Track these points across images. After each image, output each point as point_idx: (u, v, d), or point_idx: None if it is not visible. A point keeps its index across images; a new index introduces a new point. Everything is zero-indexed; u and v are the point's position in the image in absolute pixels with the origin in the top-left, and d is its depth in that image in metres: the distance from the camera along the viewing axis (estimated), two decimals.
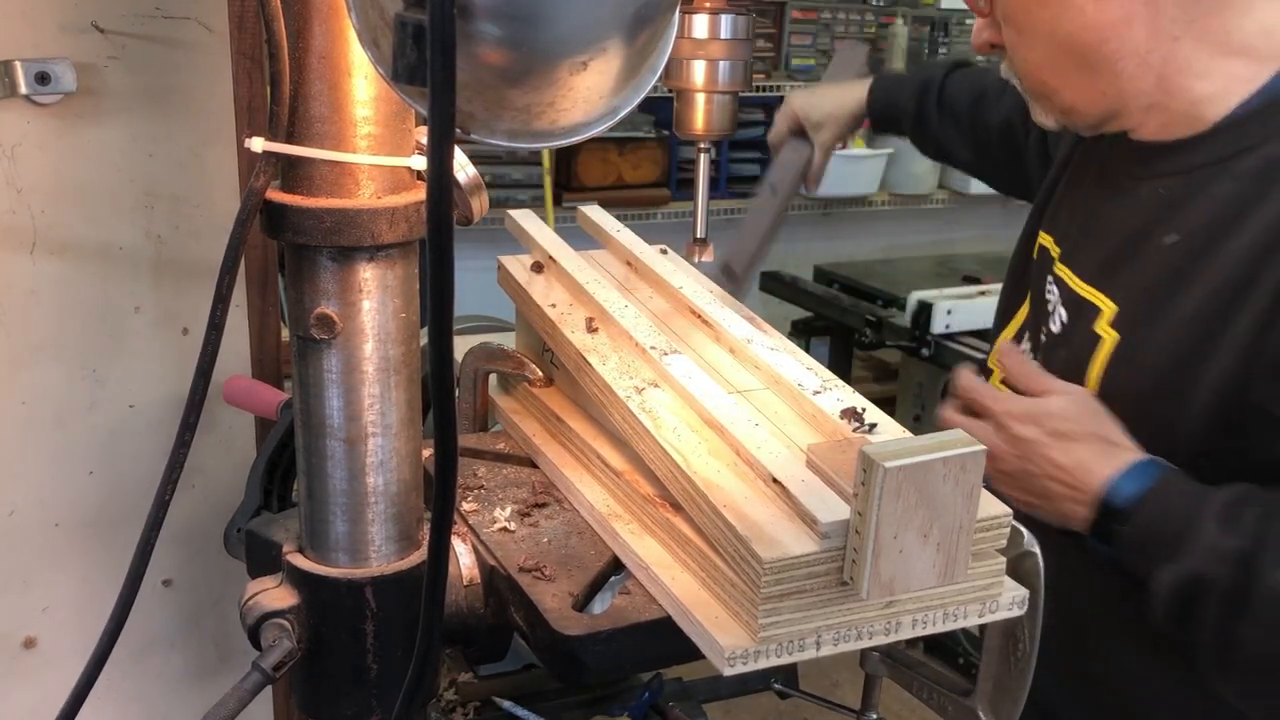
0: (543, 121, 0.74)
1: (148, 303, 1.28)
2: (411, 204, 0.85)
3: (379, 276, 0.86)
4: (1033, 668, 0.90)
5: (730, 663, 0.78)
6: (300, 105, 0.82)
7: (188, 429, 0.90)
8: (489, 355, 1.17)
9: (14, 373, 1.24)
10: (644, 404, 0.95)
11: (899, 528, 0.76)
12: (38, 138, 1.19)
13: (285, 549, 0.94)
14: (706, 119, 1.12)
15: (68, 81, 1.17)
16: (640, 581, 0.90)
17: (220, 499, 1.35)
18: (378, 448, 0.89)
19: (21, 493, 1.27)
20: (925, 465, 0.75)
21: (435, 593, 0.75)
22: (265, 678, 0.87)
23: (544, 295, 1.13)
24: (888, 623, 0.82)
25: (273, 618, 0.90)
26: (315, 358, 0.87)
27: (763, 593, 0.77)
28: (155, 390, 1.31)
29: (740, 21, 1.10)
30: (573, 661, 0.86)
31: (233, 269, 0.86)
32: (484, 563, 0.96)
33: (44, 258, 1.22)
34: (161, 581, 1.37)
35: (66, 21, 1.17)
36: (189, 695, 1.42)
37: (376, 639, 0.91)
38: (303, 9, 0.80)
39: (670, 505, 0.91)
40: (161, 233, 1.27)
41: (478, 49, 0.67)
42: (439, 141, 0.62)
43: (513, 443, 1.15)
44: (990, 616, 0.85)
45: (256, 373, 1.35)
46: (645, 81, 0.79)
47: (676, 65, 1.10)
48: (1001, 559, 0.84)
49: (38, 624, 1.31)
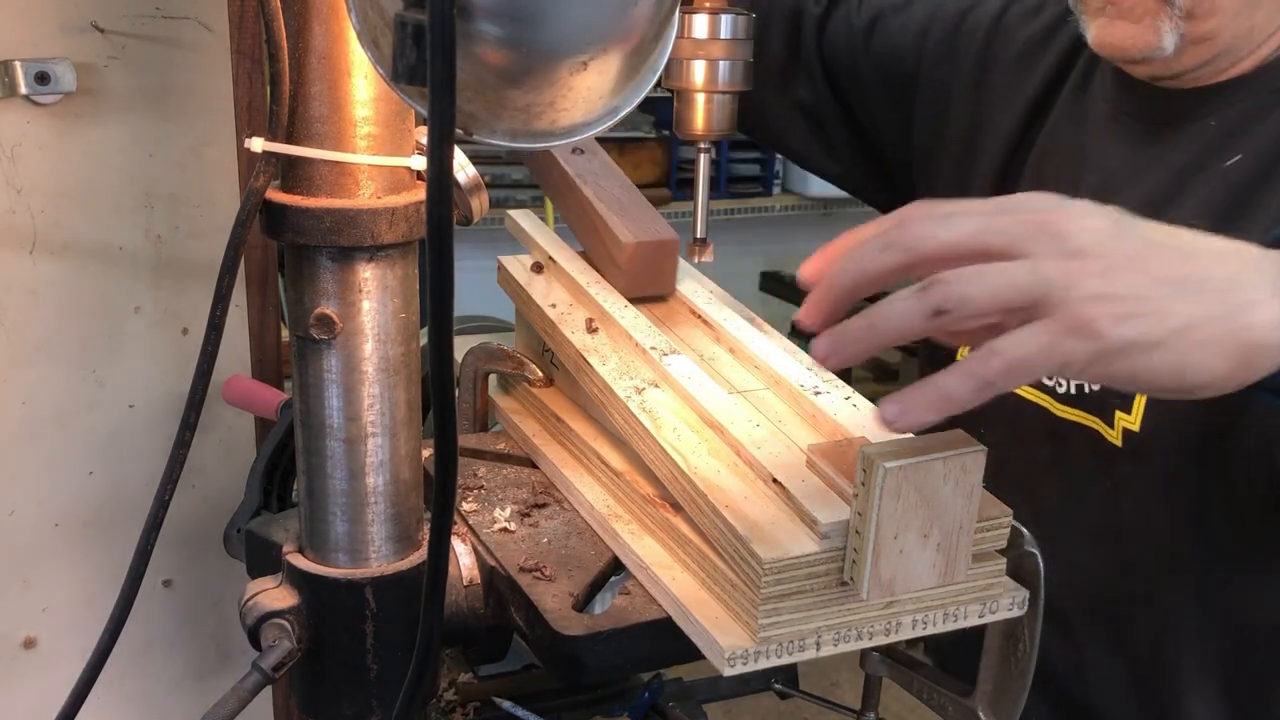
0: (543, 121, 0.75)
1: (148, 303, 1.28)
2: (411, 204, 0.85)
3: (379, 276, 0.86)
4: (1033, 668, 0.90)
5: (730, 663, 0.78)
6: (300, 105, 0.82)
7: (188, 429, 0.90)
8: (489, 355, 1.17)
9: (14, 373, 1.24)
10: (644, 404, 0.95)
11: (899, 528, 0.76)
12: (38, 138, 1.19)
13: (285, 549, 0.94)
14: (706, 119, 1.12)
15: (68, 81, 1.17)
16: (640, 582, 0.90)
17: (220, 499, 1.35)
18: (378, 448, 0.89)
19: (21, 493, 1.27)
20: (925, 465, 0.75)
21: (435, 593, 0.75)
22: (265, 678, 0.87)
23: (544, 295, 1.13)
24: (888, 623, 0.82)
25: (272, 618, 0.90)
26: (315, 358, 0.87)
27: (763, 593, 0.77)
28: (155, 390, 1.31)
29: (740, 21, 1.09)
30: (573, 662, 0.86)
31: (233, 269, 0.86)
32: (484, 563, 0.96)
33: (44, 258, 1.22)
34: (161, 582, 1.37)
35: (66, 21, 1.17)
36: (189, 695, 1.42)
37: (376, 639, 0.91)
38: (303, 9, 0.80)
39: (670, 505, 0.91)
40: (161, 233, 1.27)
41: (478, 49, 0.67)
42: (439, 141, 0.62)
43: (513, 443, 1.15)
44: (990, 617, 0.85)
45: (256, 373, 1.35)
46: (645, 81, 0.79)
47: (676, 65, 1.10)
48: (1001, 559, 0.84)
49: (38, 624, 1.31)
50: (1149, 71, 1.11)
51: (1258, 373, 0.70)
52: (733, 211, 3.98)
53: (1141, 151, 1.14)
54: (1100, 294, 0.66)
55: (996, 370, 0.66)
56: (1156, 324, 0.67)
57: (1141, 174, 1.13)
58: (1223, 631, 1.13)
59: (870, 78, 1.40)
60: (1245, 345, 0.68)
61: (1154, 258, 0.68)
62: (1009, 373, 0.66)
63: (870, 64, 1.40)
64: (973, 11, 1.36)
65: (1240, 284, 0.69)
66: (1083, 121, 1.21)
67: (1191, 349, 0.67)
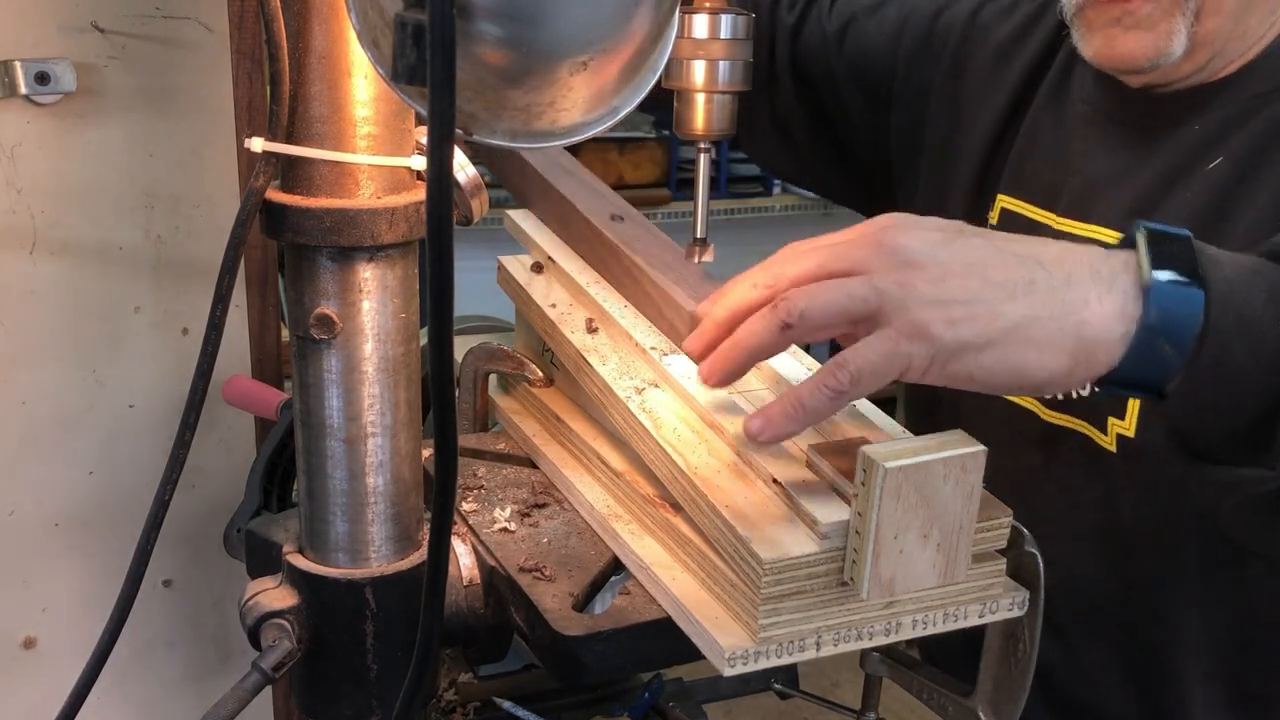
0: (543, 121, 0.74)
1: (148, 303, 1.28)
2: (411, 204, 0.85)
3: (379, 276, 0.86)
4: (1033, 668, 0.89)
5: (730, 663, 0.78)
6: (300, 105, 0.82)
7: (188, 429, 0.90)
8: (489, 355, 1.17)
9: (14, 373, 1.24)
10: (644, 404, 0.95)
11: (899, 528, 0.76)
12: (38, 138, 1.19)
13: (285, 549, 0.94)
14: (706, 119, 1.11)
15: (68, 81, 1.17)
16: (640, 582, 0.90)
17: (220, 499, 1.35)
18: (378, 448, 0.89)
19: (21, 493, 1.27)
20: (925, 466, 0.75)
21: (435, 593, 0.75)
22: (265, 678, 0.87)
23: (544, 295, 1.13)
24: (888, 623, 0.82)
25: (272, 618, 0.90)
26: (315, 358, 0.87)
27: (763, 593, 0.77)
28: (155, 390, 1.31)
29: (740, 21, 1.09)
30: (573, 662, 0.86)
31: (233, 269, 0.86)
32: (484, 563, 0.96)
33: (44, 258, 1.22)
34: (161, 581, 1.37)
35: (66, 21, 1.17)
36: (189, 695, 1.42)
37: (376, 639, 0.91)
38: (303, 9, 0.80)
39: (670, 505, 0.91)
40: (161, 233, 1.27)
41: (478, 49, 0.67)
42: (439, 141, 0.62)
43: (513, 443, 1.15)
44: (990, 617, 0.85)
45: (256, 373, 1.35)
46: (645, 81, 0.79)
47: (676, 65, 1.10)
48: (1001, 559, 0.84)
49: (38, 624, 1.31)
50: (1143, 81, 1.10)
51: (1100, 366, 0.74)
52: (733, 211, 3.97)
53: (1125, 156, 1.13)
54: (933, 300, 0.72)
55: (843, 379, 0.73)
56: (988, 325, 0.71)
57: (1125, 179, 1.12)
58: (1228, 639, 1.12)
59: (845, 80, 1.40)
60: (1081, 341, 0.73)
61: (988, 264, 0.73)
62: (855, 380, 0.73)
63: (844, 66, 1.40)
64: (946, 11, 1.36)
65: (1075, 283, 0.73)
66: (1061, 122, 1.20)
67: (1024, 347, 0.72)
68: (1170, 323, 0.73)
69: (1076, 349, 0.73)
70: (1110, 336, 0.73)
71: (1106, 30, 1.07)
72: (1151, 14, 1.04)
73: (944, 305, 0.72)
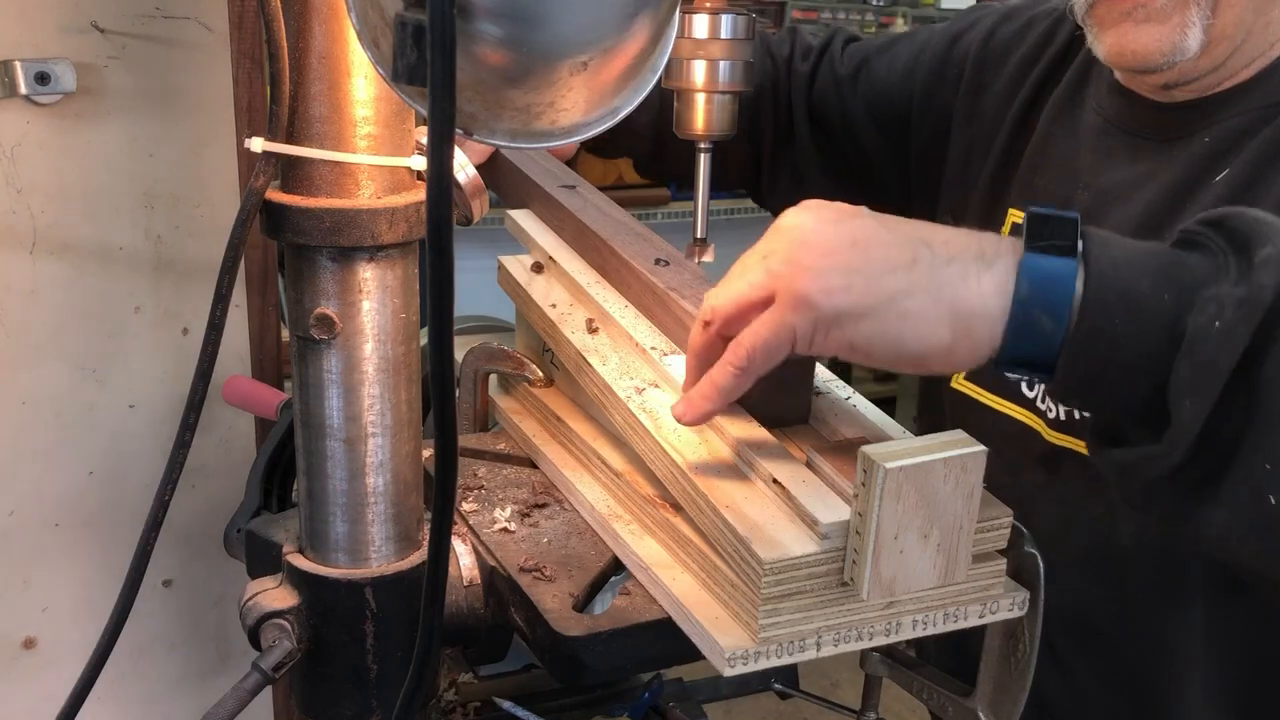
0: (543, 121, 0.74)
1: (148, 303, 1.28)
2: (411, 204, 0.85)
3: (379, 277, 0.86)
4: (1033, 668, 0.89)
5: (730, 663, 0.78)
6: (300, 105, 0.82)
7: (188, 429, 0.90)
8: (489, 355, 1.17)
9: (14, 373, 1.24)
10: (644, 404, 0.95)
11: (899, 528, 0.76)
12: (38, 138, 1.19)
13: (285, 549, 0.94)
14: (706, 119, 1.12)
15: (68, 81, 1.17)
16: (640, 582, 0.90)
17: (220, 499, 1.35)
18: (378, 448, 0.89)
19: (21, 493, 1.27)
20: (925, 466, 0.75)
21: (435, 593, 0.75)
22: (265, 678, 0.87)
23: (544, 295, 1.13)
24: (888, 623, 0.82)
25: (272, 618, 0.90)
26: (315, 358, 0.87)
27: (763, 593, 0.77)
28: (155, 390, 1.31)
29: (740, 21, 1.09)
30: (573, 662, 0.86)
31: (233, 269, 0.86)
32: (484, 563, 0.96)
33: (44, 258, 1.22)
34: (161, 581, 1.37)
35: (66, 21, 1.17)
36: (189, 695, 1.42)
37: (376, 639, 0.91)
38: (303, 9, 0.80)
39: (670, 505, 0.91)
40: (161, 233, 1.27)
41: (478, 49, 0.67)
42: (439, 141, 0.62)
43: (513, 443, 1.15)
44: (991, 617, 0.85)
45: (256, 373, 1.35)
46: (645, 81, 0.79)
47: (676, 65, 1.10)
48: (1002, 559, 0.84)
49: (38, 624, 1.31)
50: (1162, 80, 1.09)
51: (981, 342, 0.78)
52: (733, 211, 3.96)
53: (1135, 169, 1.13)
54: (816, 271, 0.77)
55: (743, 355, 0.80)
56: (865, 295, 0.77)
57: (1135, 193, 1.12)
58: (1230, 664, 1.10)
59: (862, 121, 1.42)
60: (957, 315, 0.77)
61: (874, 241, 0.79)
62: (753, 354, 0.79)
63: (860, 107, 1.42)
64: (962, 37, 1.37)
65: (956, 261, 0.78)
66: (1074, 133, 1.20)
67: (900, 319, 0.77)
68: (1042, 294, 0.76)
69: (954, 323, 0.77)
70: (988, 311, 0.77)
71: (1119, 26, 1.06)
72: (1165, 6, 1.03)
73: (824, 275, 0.77)
